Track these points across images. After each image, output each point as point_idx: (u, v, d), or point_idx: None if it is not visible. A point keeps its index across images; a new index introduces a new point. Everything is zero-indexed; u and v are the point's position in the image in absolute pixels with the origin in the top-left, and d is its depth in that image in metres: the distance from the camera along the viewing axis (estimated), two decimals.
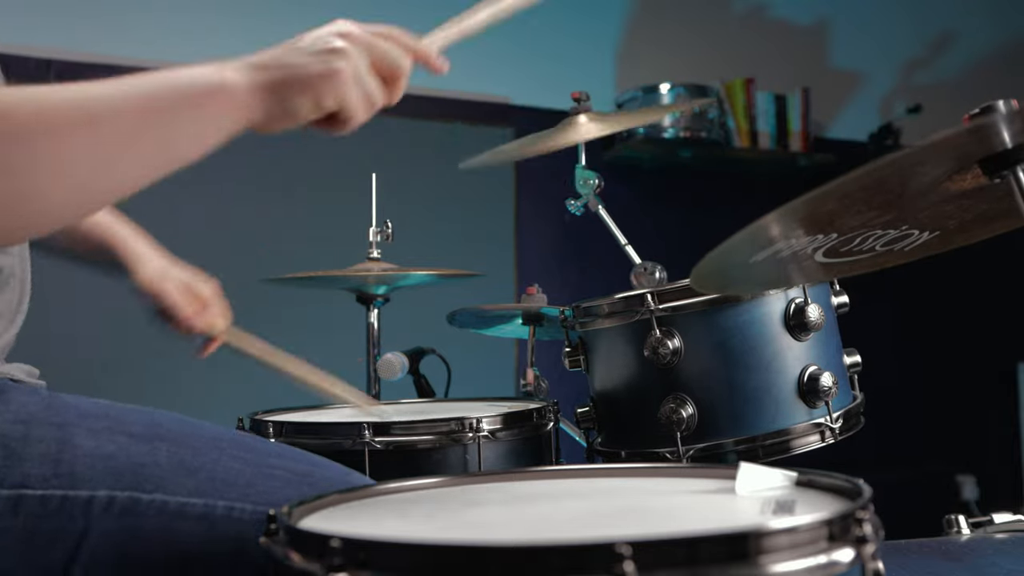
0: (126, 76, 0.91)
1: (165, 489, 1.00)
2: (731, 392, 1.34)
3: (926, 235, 1.06)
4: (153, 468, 1.01)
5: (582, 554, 0.62)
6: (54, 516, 0.97)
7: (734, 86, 3.69)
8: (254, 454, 1.07)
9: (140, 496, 0.99)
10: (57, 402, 1.05)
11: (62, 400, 1.06)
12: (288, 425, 1.42)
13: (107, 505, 0.98)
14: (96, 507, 0.98)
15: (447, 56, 1.07)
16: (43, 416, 1.01)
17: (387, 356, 1.93)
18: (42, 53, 2.80)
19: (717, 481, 0.92)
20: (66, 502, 0.97)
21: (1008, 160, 0.92)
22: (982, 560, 1.16)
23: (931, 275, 3.32)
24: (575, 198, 1.74)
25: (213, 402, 2.63)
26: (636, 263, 1.63)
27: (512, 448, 1.41)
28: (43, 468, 0.98)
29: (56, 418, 1.01)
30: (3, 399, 1.02)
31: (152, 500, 0.99)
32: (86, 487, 0.98)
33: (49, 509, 0.97)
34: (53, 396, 1.06)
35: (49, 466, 0.98)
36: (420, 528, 0.82)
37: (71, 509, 0.97)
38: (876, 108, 4.04)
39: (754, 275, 1.15)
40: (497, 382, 3.19)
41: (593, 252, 3.33)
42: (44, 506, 0.97)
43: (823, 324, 1.35)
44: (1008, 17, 4.29)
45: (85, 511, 0.98)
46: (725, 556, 0.63)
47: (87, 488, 0.98)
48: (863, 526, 0.67)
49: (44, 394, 1.07)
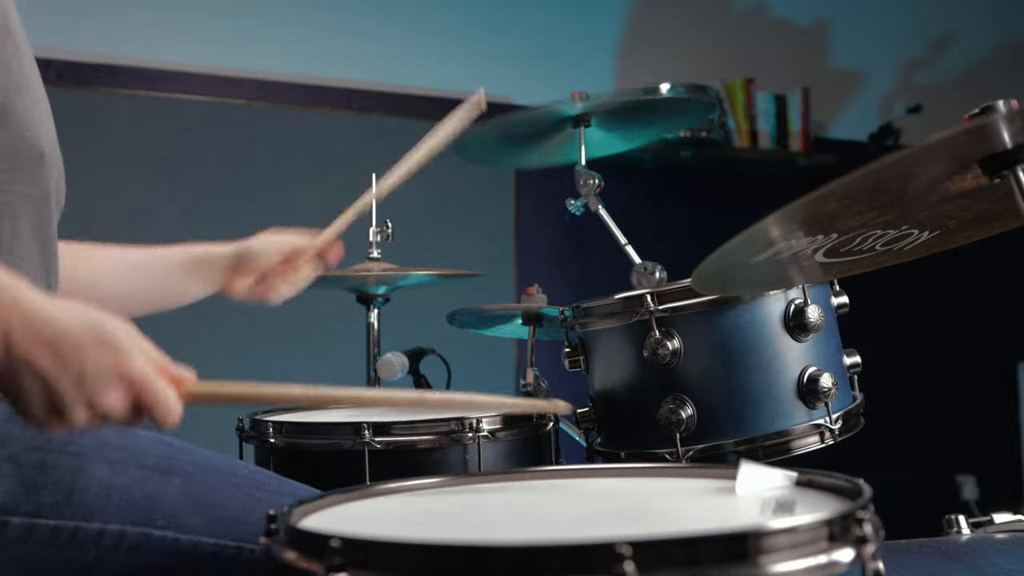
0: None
1: (177, 526, 1.00)
2: (731, 393, 1.34)
3: (926, 235, 1.06)
4: (166, 503, 1.00)
5: (582, 554, 0.62)
6: (65, 547, 0.97)
7: (734, 86, 3.69)
8: (268, 493, 1.06)
9: (151, 532, 0.99)
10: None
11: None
12: (288, 425, 1.42)
13: (118, 539, 0.98)
14: (107, 540, 0.98)
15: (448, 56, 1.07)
16: (60, 443, 1.00)
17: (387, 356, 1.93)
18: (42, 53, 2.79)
19: (717, 481, 0.92)
20: (78, 533, 0.97)
21: (1008, 160, 0.92)
22: (982, 560, 1.16)
23: (931, 275, 3.32)
24: (575, 198, 1.74)
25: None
26: (636, 263, 1.63)
27: (512, 448, 1.41)
28: (57, 497, 0.97)
29: (72, 446, 1.01)
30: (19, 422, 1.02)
31: (163, 537, 0.99)
32: (98, 519, 0.98)
33: (61, 539, 0.97)
34: None
35: (63, 496, 0.98)
36: (420, 528, 0.82)
37: (82, 540, 0.97)
38: (876, 108, 4.04)
39: (754, 276, 1.15)
40: (497, 382, 3.19)
41: (593, 252, 3.33)
42: (56, 536, 0.97)
43: (823, 325, 1.34)
44: (1008, 17, 4.29)
45: (96, 543, 0.97)
46: (725, 556, 0.63)
47: (99, 520, 0.98)
48: (863, 526, 0.67)
49: None
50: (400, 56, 3.32)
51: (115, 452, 1.02)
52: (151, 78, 3.00)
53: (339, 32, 3.24)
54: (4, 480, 0.97)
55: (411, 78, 3.31)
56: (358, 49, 3.27)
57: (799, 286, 1.33)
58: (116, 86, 2.95)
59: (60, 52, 2.85)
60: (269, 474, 1.17)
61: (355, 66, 3.26)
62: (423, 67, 3.32)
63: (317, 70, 3.20)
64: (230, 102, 3.10)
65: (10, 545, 0.96)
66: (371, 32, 3.28)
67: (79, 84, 2.87)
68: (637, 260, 1.63)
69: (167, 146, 3.01)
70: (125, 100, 2.96)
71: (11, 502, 0.96)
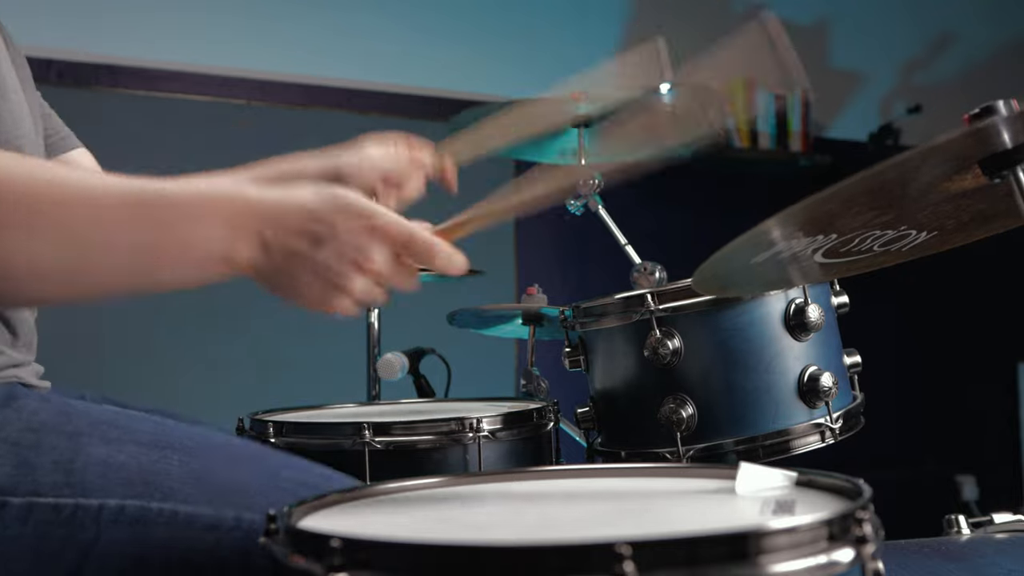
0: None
1: (175, 498, 1.00)
2: (731, 392, 1.34)
3: (924, 235, 1.06)
4: (164, 477, 1.01)
5: (582, 554, 0.62)
6: (65, 524, 0.97)
7: (734, 86, 3.69)
8: (264, 464, 1.06)
9: (150, 505, 0.99)
10: (68, 409, 1.05)
11: (73, 407, 1.06)
12: (288, 425, 1.42)
13: (117, 513, 0.98)
14: (106, 515, 0.98)
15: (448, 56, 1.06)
16: (55, 424, 1.01)
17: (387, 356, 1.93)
18: (42, 53, 2.80)
19: (717, 481, 0.92)
20: (78, 510, 0.98)
21: (1008, 160, 0.92)
22: (982, 560, 1.16)
23: (931, 275, 3.32)
24: (575, 198, 1.74)
25: (213, 402, 2.63)
26: (636, 263, 1.63)
27: (512, 448, 1.41)
28: (55, 476, 0.98)
29: (68, 426, 1.01)
30: (15, 407, 1.02)
31: (162, 509, 0.99)
32: (97, 495, 0.98)
33: (61, 517, 0.97)
34: (64, 403, 1.07)
35: (61, 474, 0.98)
36: (420, 528, 0.82)
37: (82, 517, 0.97)
38: (876, 108, 4.04)
39: (754, 276, 1.15)
40: (497, 382, 3.19)
41: (593, 252, 3.33)
42: (56, 514, 0.97)
43: (823, 324, 1.35)
44: (1008, 17, 4.29)
45: (96, 519, 0.98)
46: (725, 556, 0.63)
47: (98, 496, 0.98)
48: (863, 526, 0.67)
49: (56, 401, 1.07)
50: (400, 56, 3.32)
51: (111, 431, 1.03)
52: (151, 78, 3.00)
53: (339, 32, 3.24)
54: (2, 461, 0.97)
55: (411, 78, 3.31)
56: (358, 49, 3.27)
57: (799, 286, 1.33)
58: (116, 86, 2.95)
59: (60, 52, 2.85)
60: (263, 447, 1.18)
61: (355, 66, 3.26)
62: (423, 67, 3.32)
63: (317, 70, 3.20)
64: (230, 102, 3.10)
65: (11, 524, 0.96)
66: (371, 32, 3.28)
67: (79, 84, 2.87)
68: (637, 260, 1.63)
69: (167, 146, 3.01)
70: (125, 100, 2.96)
71: (9, 483, 0.96)
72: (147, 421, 1.08)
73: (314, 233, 0.88)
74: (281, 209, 0.89)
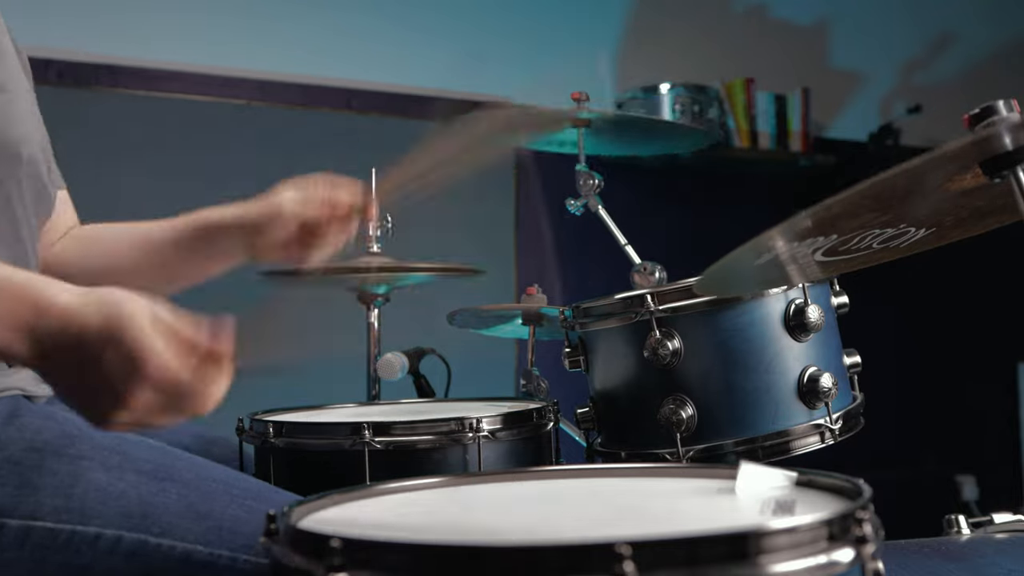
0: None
1: (172, 534, 1.00)
2: (731, 393, 1.34)
3: (922, 232, 1.07)
4: (162, 511, 1.00)
5: (582, 554, 0.62)
6: (62, 550, 0.97)
7: (734, 86, 3.69)
8: (263, 503, 1.05)
9: (147, 539, 0.99)
10: (72, 430, 1.04)
11: (76, 427, 1.05)
12: (288, 425, 1.42)
13: (114, 544, 0.98)
14: (103, 544, 0.98)
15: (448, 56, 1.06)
16: (58, 446, 1.01)
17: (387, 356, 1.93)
18: (42, 53, 2.80)
19: (717, 481, 0.92)
20: (75, 536, 0.97)
21: (1009, 160, 0.93)
22: (982, 560, 1.16)
23: (931, 275, 3.32)
24: (575, 198, 1.74)
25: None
26: (636, 263, 1.63)
27: (512, 448, 1.41)
28: (55, 500, 0.98)
29: (71, 449, 1.01)
30: (18, 424, 1.01)
31: (159, 544, 0.99)
32: (95, 523, 0.98)
33: (58, 542, 0.97)
34: (67, 421, 1.06)
35: (61, 499, 0.98)
36: (420, 528, 0.82)
37: (79, 544, 0.97)
38: (876, 108, 4.04)
39: (754, 276, 1.15)
40: (497, 382, 3.19)
41: (593, 252, 3.32)
42: (53, 539, 0.97)
43: (823, 325, 1.34)
44: (1008, 17, 4.29)
45: (92, 546, 0.98)
46: (725, 556, 0.63)
47: (96, 524, 0.98)
48: (863, 526, 0.67)
49: (59, 418, 1.06)
50: (400, 56, 3.32)
51: (112, 457, 1.02)
52: (151, 78, 3.00)
53: (339, 32, 3.24)
54: (2, 482, 0.97)
55: (411, 78, 3.31)
56: (358, 49, 3.27)
57: (799, 286, 1.33)
58: (116, 86, 2.95)
59: (60, 52, 2.85)
60: (266, 485, 1.17)
61: (355, 66, 3.25)
62: (423, 67, 3.32)
63: (317, 70, 3.20)
64: (230, 102, 3.10)
65: (8, 547, 0.96)
66: (371, 32, 3.28)
67: (79, 84, 2.87)
68: (637, 260, 1.63)
69: (167, 146, 3.01)
70: (125, 100, 2.96)
71: (9, 504, 0.96)
72: (149, 448, 1.08)
73: (80, 359, 0.83)
74: (62, 323, 0.83)
